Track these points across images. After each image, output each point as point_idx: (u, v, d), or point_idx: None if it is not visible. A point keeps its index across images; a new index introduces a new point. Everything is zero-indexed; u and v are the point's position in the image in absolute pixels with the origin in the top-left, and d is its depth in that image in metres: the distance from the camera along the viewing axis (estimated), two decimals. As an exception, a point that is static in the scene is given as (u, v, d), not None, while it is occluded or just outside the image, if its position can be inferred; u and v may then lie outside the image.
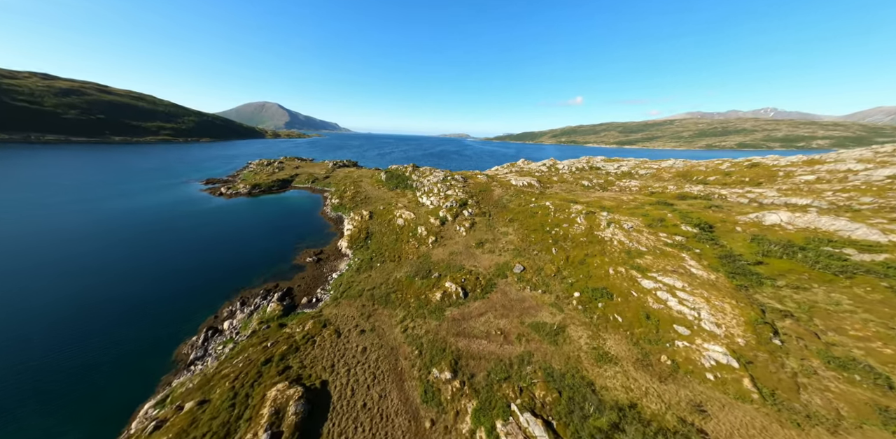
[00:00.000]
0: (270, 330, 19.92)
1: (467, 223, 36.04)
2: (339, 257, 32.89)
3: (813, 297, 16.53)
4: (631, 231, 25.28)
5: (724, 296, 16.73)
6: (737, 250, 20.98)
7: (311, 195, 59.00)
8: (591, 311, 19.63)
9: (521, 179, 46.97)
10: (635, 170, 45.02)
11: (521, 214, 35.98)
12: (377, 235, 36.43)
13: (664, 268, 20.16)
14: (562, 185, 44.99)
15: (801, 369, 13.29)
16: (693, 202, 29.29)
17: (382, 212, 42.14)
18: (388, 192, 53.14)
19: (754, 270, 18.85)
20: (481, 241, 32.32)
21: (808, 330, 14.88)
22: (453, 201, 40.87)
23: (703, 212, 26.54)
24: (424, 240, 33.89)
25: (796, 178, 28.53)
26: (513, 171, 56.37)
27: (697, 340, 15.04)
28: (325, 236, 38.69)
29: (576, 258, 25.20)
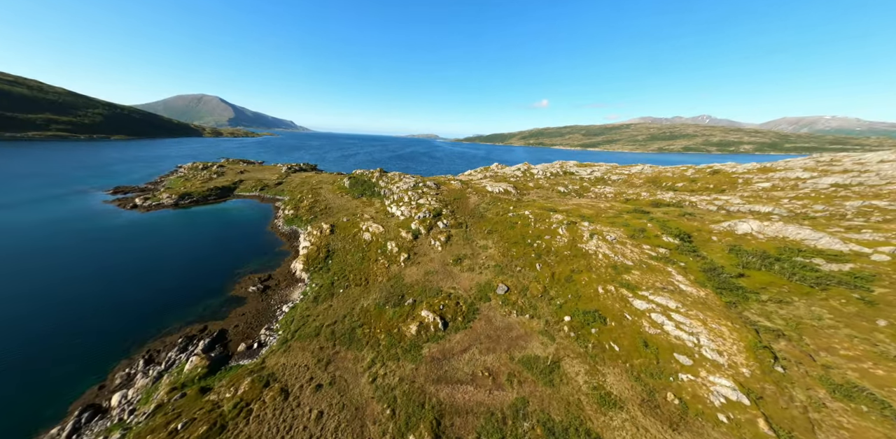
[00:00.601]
0: (186, 399, 14.97)
1: (443, 236, 33.07)
2: (291, 283, 27.96)
3: (797, 312, 16.14)
4: (615, 243, 24.17)
5: (720, 317, 15.67)
6: (718, 262, 20.56)
7: (260, 205, 51.31)
8: (584, 339, 17.71)
9: (496, 185, 45.18)
10: (608, 176, 45.61)
11: (499, 225, 33.89)
12: (340, 253, 31.97)
13: (654, 285, 18.97)
14: (538, 192, 43.98)
15: (810, 402, 12.25)
16: (667, 210, 29.36)
17: (346, 225, 37.58)
18: (352, 201, 48.31)
19: (738, 284, 18.34)
20: (459, 257, 29.54)
21: (804, 352, 14.19)
22: (426, 211, 37.67)
23: (679, 220, 26.40)
24: (395, 257, 30.27)
25: (755, 185, 29.93)
26: (487, 177, 54.63)
27: (702, 372, 13.58)
28: (274, 256, 33.08)
29: (562, 275, 23.45)
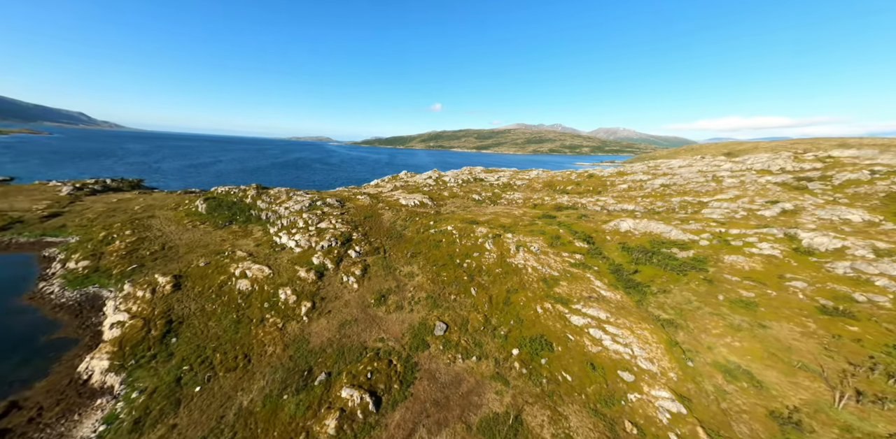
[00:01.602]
0: None
1: (358, 269, 26.57)
2: (78, 405, 15.50)
3: (677, 299, 19.37)
4: (539, 254, 24.48)
5: (639, 320, 16.89)
6: (617, 260, 23.41)
7: (4, 259, 29.43)
8: (537, 374, 16.05)
9: (410, 198, 41.38)
10: (513, 181, 49.40)
11: (423, 245, 30.15)
12: (195, 322, 20.75)
13: (582, 296, 19.46)
14: (454, 201, 42.90)
15: (717, 392, 13.74)
16: (569, 213, 32.99)
17: (205, 273, 25.43)
18: (214, 233, 34.29)
19: (636, 280, 21.00)
20: (383, 294, 24.00)
21: (695, 339, 16.62)
22: (332, 238, 29.92)
23: (580, 223, 29.71)
24: (293, 311, 21.89)
25: (618, 187, 37.78)
26: (398, 187, 50.13)
27: (644, 386, 13.73)
28: (37, 355, 18.22)
29: (499, 297, 21.76)
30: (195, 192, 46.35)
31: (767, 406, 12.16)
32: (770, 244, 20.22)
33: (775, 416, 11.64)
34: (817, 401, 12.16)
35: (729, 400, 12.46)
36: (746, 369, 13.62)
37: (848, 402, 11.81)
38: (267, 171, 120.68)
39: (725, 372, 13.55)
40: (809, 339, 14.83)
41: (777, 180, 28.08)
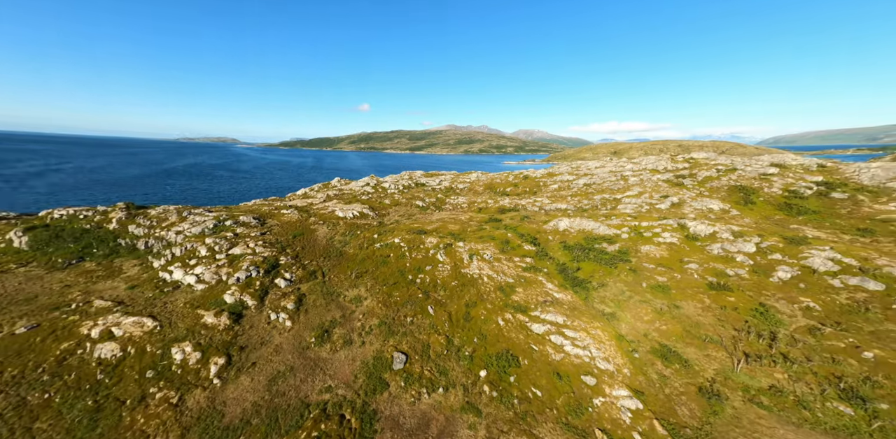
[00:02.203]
0: None
1: (290, 301, 21.92)
2: None
3: (613, 291, 21.67)
4: (493, 261, 24.38)
5: (592, 320, 18.09)
6: (561, 259, 25.10)
7: None
8: (508, 395, 15.53)
9: (348, 208, 37.05)
10: (455, 185, 49.21)
11: (368, 263, 26.98)
12: (3, 431, 13.42)
13: (537, 301, 19.96)
14: (398, 209, 40.23)
15: (660, 379, 15.24)
16: (512, 215, 34.26)
17: (28, 344, 17.07)
18: (47, 277, 23.90)
19: (579, 277, 22.81)
20: (325, 329, 20.25)
21: (634, 329, 18.69)
22: (251, 266, 24.07)
23: (524, 224, 31.08)
24: (197, 374, 16.44)
25: (550, 188, 41.24)
26: (332, 197, 44.57)
27: (605, 388, 14.45)
28: None
29: (458, 314, 20.69)
30: (6, 219, 31.53)
31: (695, 383, 14.07)
32: (670, 233, 24.39)
33: (703, 392, 13.51)
34: (724, 369, 14.67)
35: (669, 385, 13.97)
36: (675, 350, 15.66)
37: (743, 365, 14.54)
38: (145, 184, 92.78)
39: (662, 357, 15.27)
40: (708, 313, 18.09)
41: (664, 178, 34.78)
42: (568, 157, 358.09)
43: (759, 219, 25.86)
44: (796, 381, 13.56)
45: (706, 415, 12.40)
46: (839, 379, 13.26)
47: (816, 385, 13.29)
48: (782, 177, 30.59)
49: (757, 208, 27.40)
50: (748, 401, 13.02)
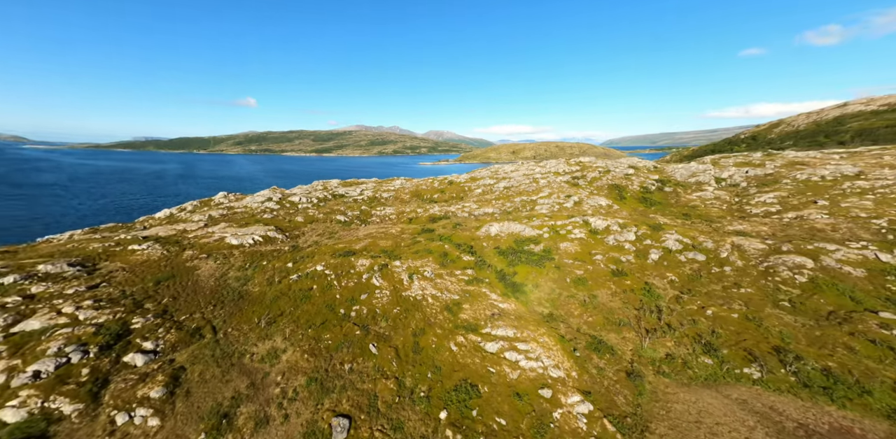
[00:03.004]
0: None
1: (156, 385, 15.02)
2: None
3: (546, 291, 23.66)
4: (434, 278, 23.05)
5: (537, 326, 19.02)
6: (498, 266, 25.98)
7: None
8: (473, 433, 14.48)
9: (246, 233, 29.03)
10: (379, 194, 45.26)
11: (283, 302, 21.50)
12: None
13: (486, 315, 19.82)
14: (315, 228, 34.05)
15: (599, 373, 16.64)
16: (444, 223, 33.66)
17: None
18: None
19: (517, 281, 24.06)
20: (224, 412, 14.70)
21: (569, 326, 20.72)
22: (67, 346, 15.29)
23: (457, 232, 30.95)
24: None
25: (475, 192, 42.73)
26: (217, 218, 34.18)
27: (561, 398, 14.82)
28: None
29: (406, 346, 18.53)
30: None
31: (623, 368, 16.34)
32: (578, 229, 28.47)
33: (629, 375, 15.72)
34: (637, 348, 17.64)
35: (606, 377, 15.75)
36: (603, 340, 17.93)
37: (647, 341, 17.80)
38: None
39: (595, 350, 17.20)
40: (616, 298, 21.70)
41: (564, 179, 40.92)
42: (477, 157, 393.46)
43: (631, 211, 33.47)
44: (679, 346, 17.47)
45: (635, 398, 14.46)
46: (700, 336, 17.75)
47: (690, 345, 17.42)
48: (637, 176, 40.84)
49: (627, 202, 35.44)
50: (657, 374, 15.95)
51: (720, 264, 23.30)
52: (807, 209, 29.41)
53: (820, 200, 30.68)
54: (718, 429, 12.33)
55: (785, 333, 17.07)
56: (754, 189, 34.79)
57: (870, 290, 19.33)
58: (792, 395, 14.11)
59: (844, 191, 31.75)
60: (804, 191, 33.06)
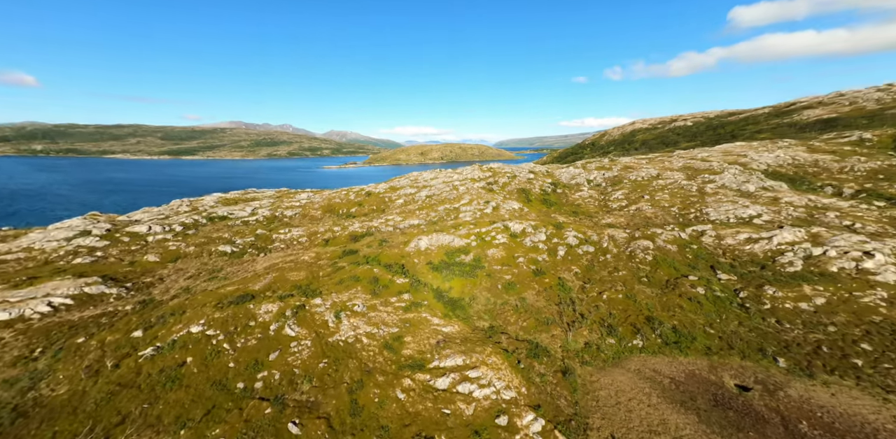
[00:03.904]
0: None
1: None
2: None
3: (482, 302, 24.06)
4: (367, 312, 20.09)
5: (483, 345, 18.71)
6: (433, 284, 25.04)
7: None
8: None
9: (24, 296, 18.01)
10: (280, 212, 36.59)
11: (126, 399, 14.36)
12: None
13: (430, 345, 18.51)
14: (181, 266, 24.42)
15: (542, 381, 17.03)
16: (368, 241, 30.15)
17: None
18: None
19: (454, 298, 23.74)
20: None
21: (509, 336, 21.77)
22: None
23: (384, 251, 28.27)
24: None
25: (396, 203, 40.26)
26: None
27: (517, 421, 14.52)
28: None
29: (342, 411, 15.25)
30: None
31: (557, 367, 18.07)
32: (501, 234, 30.61)
33: (564, 373, 17.47)
34: (564, 344, 19.98)
35: (548, 381, 17.01)
36: (538, 343, 19.47)
37: (571, 334, 20.43)
38: None
39: (534, 356, 18.45)
40: (540, 297, 24.23)
41: (481, 185, 43.65)
42: (386, 159, 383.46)
43: (537, 212, 38.69)
44: (591, 332, 20.83)
45: (572, 396, 16.16)
46: (603, 320, 21.69)
47: (598, 330, 21.02)
48: (537, 180, 47.85)
49: (533, 204, 40.87)
50: (581, 364, 18.42)
51: (604, 253, 29.44)
52: (640, 203, 41.02)
53: (645, 195, 43.36)
54: (631, 405, 15.05)
55: (649, 304, 22.80)
56: (610, 188, 46.25)
57: (681, 260, 28.15)
58: (662, 355, 18.80)
59: (655, 187, 45.91)
60: (636, 189, 46.05)
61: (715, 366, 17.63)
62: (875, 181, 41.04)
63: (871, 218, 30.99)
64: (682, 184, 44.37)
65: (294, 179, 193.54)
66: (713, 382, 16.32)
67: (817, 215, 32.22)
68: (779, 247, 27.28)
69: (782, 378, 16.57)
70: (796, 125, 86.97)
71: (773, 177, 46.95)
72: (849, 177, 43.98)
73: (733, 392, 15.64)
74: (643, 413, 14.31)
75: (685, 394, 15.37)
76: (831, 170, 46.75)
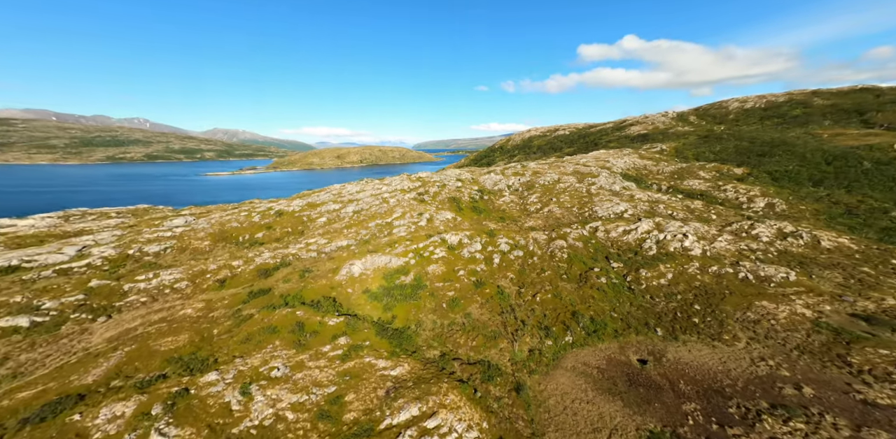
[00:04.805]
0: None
1: None
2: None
3: (429, 327, 22.75)
4: (292, 374, 16.19)
5: (439, 382, 16.80)
6: (373, 316, 22.50)
7: None
8: None
9: None
10: (138, 247, 25.42)
11: None
12: None
13: (379, 398, 16.09)
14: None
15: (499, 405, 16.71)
16: (286, 274, 24.68)
17: None
18: None
19: (399, 327, 21.86)
20: None
21: (463, 362, 21.33)
22: None
23: (309, 284, 23.80)
24: None
25: (318, 222, 34.58)
26: None
27: None
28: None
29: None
30: None
31: (511, 386, 18.65)
32: (439, 248, 30.17)
33: (517, 390, 18.12)
34: (512, 356, 20.93)
35: (504, 405, 16.82)
36: (489, 362, 19.76)
37: (518, 344, 21.58)
38: None
39: (488, 379, 18.56)
40: (484, 310, 24.89)
41: (412, 196, 42.22)
42: (296, 163, 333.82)
43: (470, 221, 40.10)
44: (532, 337, 22.59)
45: (528, 413, 16.90)
46: (540, 323, 23.88)
47: (537, 334, 22.96)
48: (465, 188, 49.71)
49: (465, 213, 42.20)
50: (529, 374, 19.64)
51: (531, 255, 32.70)
52: (550, 205, 47.85)
53: (553, 198, 50.88)
54: (575, 406, 16.84)
55: (571, 300, 26.44)
56: (526, 192, 52.34)
57: (587, 255, 33.94)
58: (587, 346, 21.95)
59: (558, 190, 54.48)
60: (546, 193, 53.57)
61: (623, 347, 21.74)
62: (675, 180, 59.18)
63: (680, 207, 44.30)
64: (576, 187, 53.73)
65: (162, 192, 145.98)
66: (624, 362, 20.04)
67: (655, 207, 44.16)
68: (642, 235, 35.77)
69: (662, 345, 21.83)
70: (628, 138, 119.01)
71: (626, 178, 62.10)
72: (662, 177, 62.23)
73: (637, 367, 19.58)
74: (585, 412, 16.15)
75: (609, 381, 18.25)
76: (653, 172, 65.11)
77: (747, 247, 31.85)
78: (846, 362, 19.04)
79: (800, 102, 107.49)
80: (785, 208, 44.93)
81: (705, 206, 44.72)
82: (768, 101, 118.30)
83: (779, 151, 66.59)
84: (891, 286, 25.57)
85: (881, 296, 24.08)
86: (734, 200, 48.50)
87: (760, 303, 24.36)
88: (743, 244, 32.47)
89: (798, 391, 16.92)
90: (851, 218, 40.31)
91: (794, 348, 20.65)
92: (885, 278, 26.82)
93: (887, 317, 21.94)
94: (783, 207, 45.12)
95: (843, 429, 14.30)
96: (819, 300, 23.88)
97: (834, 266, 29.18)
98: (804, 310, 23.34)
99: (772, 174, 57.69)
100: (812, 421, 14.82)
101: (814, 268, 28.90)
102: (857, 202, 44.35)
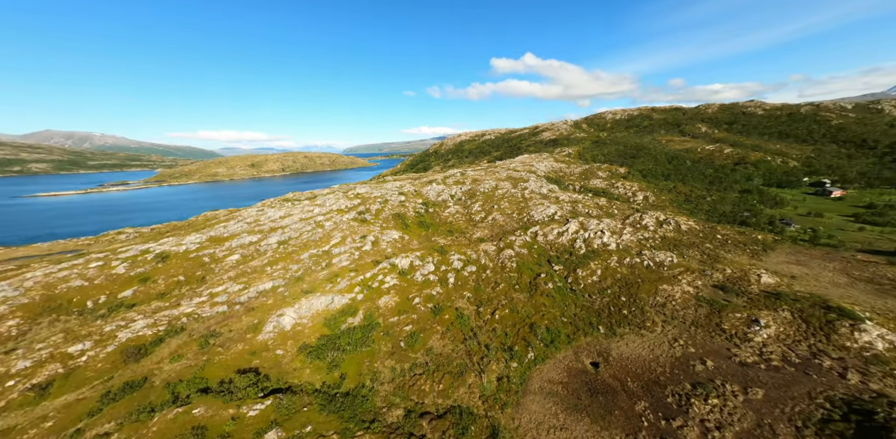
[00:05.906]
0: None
1: None
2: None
3: (389, 376, 19.69)
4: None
5: None
6: (315, 383, 18.35)
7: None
8: None
9: None
10: None
11: None
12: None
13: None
14: None
15: None
16: (176, 349, 17.84)
17: None
18: None
19: (352, 388, 18.31)
20: None
21: (433, 415, 19.31)
22: None
23: (217, 356, 17.89)
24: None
25: (228, 261, 26.79)
26: None
27: None
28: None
29: None
30: None
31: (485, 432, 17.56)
32: (390, 276, 27.25)
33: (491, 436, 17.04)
34: (481, 391, 19.82)
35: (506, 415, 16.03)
36: (461, 409, 18.18)
37: (485, 376, 20.72)
38: None
39: (463, 431, 16.90)
40: (446, 340, 23.28)
41: (350, 217, 37.40)
42: (193, 174, 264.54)
43: (418, 238, 37.85)
44: (498, 362, 22.14)
45: None
46: (503, 344, 23.69)
47: (502, 358, 22.61)
48: (409, 201, 47.02)
49: (412, 229, 39.71)
50: (501, 409, 18.84)
51: (483, 269, 32.69)
52: (493, 213, 49.58)
53: (494, 205, 52.91)
54: (549, 434, 16.85)
55: (527, 312, 27.26)
56: (469, 201, 53.07)
57: (532, 260, 35.98)
58: (549, 359, 22.72)
59: (498, 197, 57.11)
60: (487, 201, 55.39)
61: (577, 352, 23.36)
62: (584, 180, 69.58)
63: (592, 205, 51.81)
64: (512, 192, 57.14)
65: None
66: (581, 370, 21.44)
67: (576, 207, 50.48)
68: (573, 236, 39.97)
69: (606, 343, 24.39)
70: (542, 142, 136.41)
71: (549, 181, 69.77)
72: (574, 177, 72.45)
73: (592, 372, 21.20)
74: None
75: (574, 395, 19.08)
76: (567, 174, 75.24)
77: (643, 237, 38.75)
78: (722, 329, 24.41)
79: (646, 116, 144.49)
80: (654, 199, 57.58)
81: (609, 202, 53.27)
82: (629, 114, 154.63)
83: (642, 153, 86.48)
84: (723, 257, 34.57)
85: (723, 266, 32.06)
86: (624, 195, 59.56)
87: (662, 287, 29.65)
88: (640, 234, 39.40)
89: (704, 365, 20.89)
90: (689, 204, 54.89)
91: (691, 324, 25.49)
92: (719, 251, 36.20)
93: (730, 284, 29.38)
94: (653, 199, 57.78)
95: (739, 395, 18.22)
96: (693, 277, 30.25)
97: (692, 245, 37.95)
98: (688, 287, 29.28)
99: (642, 172, 73.91)
100: (721, 394, 18.33)
101: (683, 249, 36.88)
102: (689, 191, 60.55)
